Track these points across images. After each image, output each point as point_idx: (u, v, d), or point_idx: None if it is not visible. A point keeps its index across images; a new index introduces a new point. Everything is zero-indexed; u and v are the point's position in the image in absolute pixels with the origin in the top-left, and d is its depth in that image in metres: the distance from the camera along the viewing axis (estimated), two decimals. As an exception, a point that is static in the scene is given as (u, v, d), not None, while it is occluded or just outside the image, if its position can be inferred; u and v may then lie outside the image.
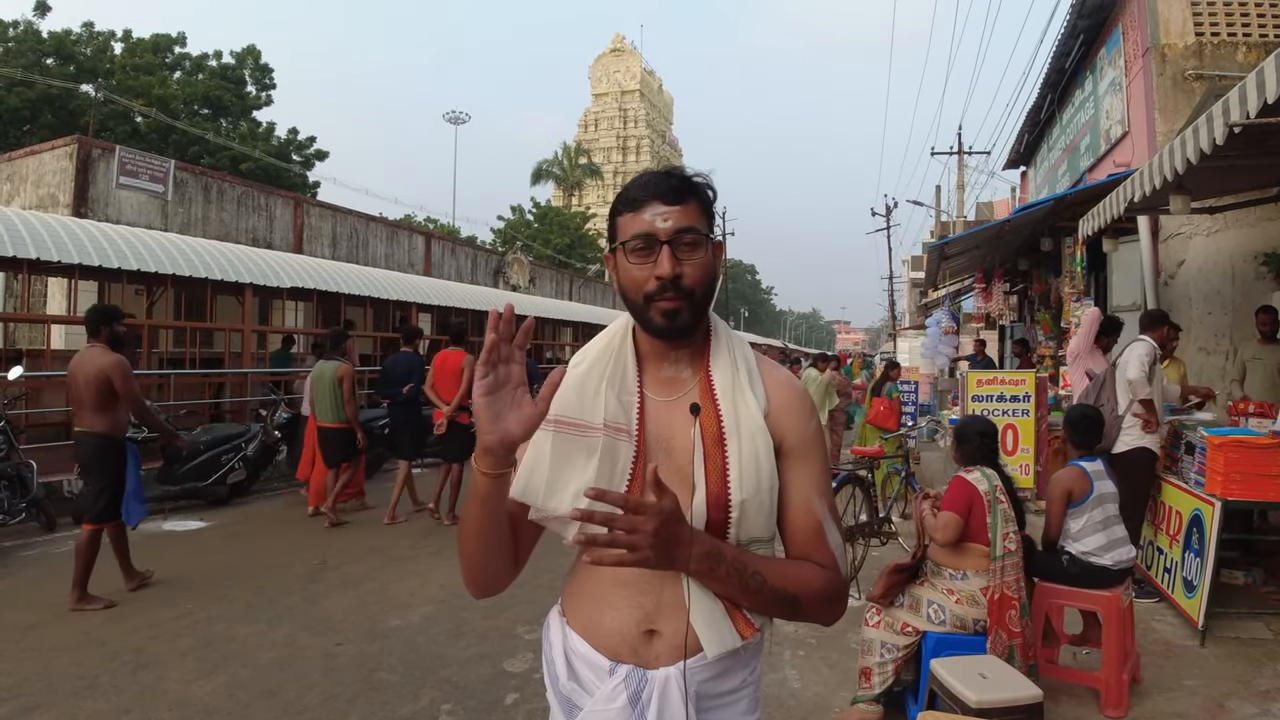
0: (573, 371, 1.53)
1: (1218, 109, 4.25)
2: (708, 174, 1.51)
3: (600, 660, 1.44)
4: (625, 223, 1.46)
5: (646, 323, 1.46)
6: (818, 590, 1.43)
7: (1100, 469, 4.34)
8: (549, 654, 1.55)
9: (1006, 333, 17.26)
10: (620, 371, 1.51)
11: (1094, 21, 11.04)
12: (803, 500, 1.48)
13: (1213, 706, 4.03)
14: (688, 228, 1.42)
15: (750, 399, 1.48)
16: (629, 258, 1.44)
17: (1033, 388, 8.90)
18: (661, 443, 1.46)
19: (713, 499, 1.40)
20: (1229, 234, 8.62)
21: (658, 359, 1.53)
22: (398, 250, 22.33)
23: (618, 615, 1.43)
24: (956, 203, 28.08)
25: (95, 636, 5.01)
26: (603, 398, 1.47)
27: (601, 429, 1.44)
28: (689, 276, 1.42)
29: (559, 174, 55.29)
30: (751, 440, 1.44)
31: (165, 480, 8.89)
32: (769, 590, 1.38)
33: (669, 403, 1.50)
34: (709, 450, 1.43)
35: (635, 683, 1.40)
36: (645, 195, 1.44)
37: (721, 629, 1.40)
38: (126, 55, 27.54)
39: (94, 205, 14.01)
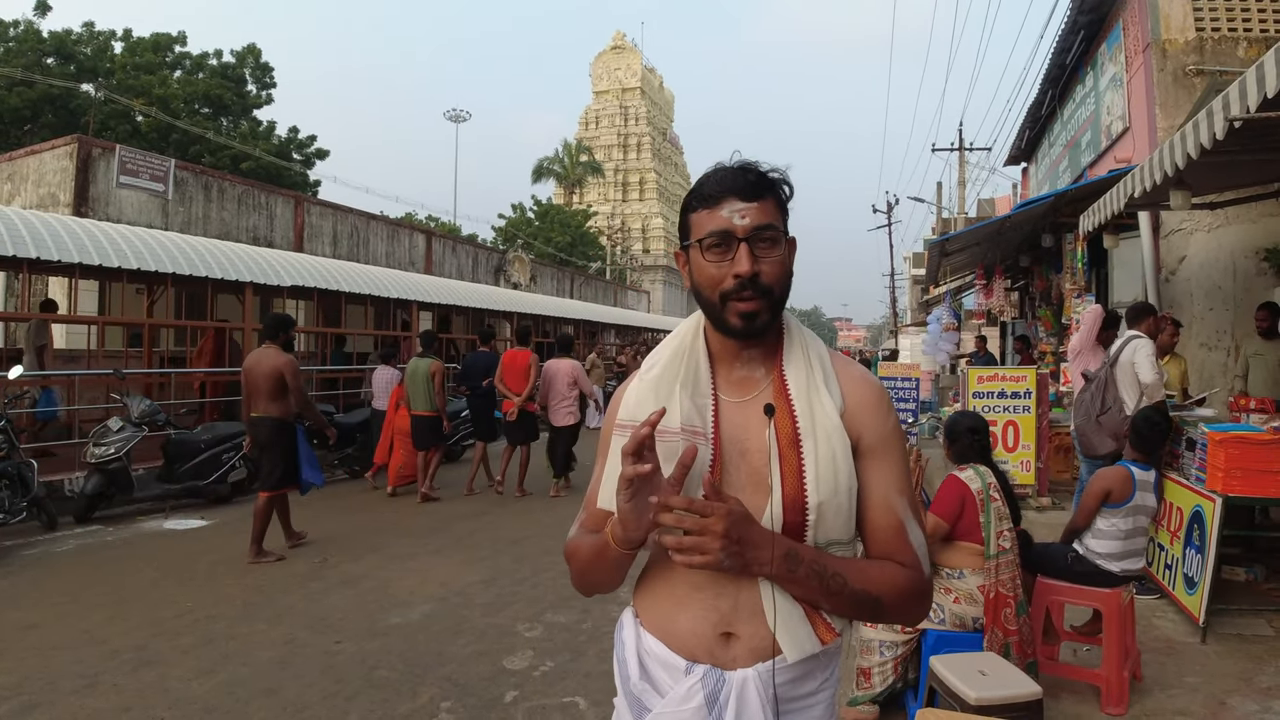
0: (645, 376, 1.52)
1: (1217, 104, 4.24)
2: (784, 169, 1.48)
3: (676, 660, 1.42)
4: (700, 219, 1.43)
5: (722, 323, 1.44)
6: (902, 589, 1.41)
7: (1149, 480, 4.28)
8: (621, 654, 1.53)
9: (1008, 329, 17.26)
10: (693, 373, 1.49)
11: (1095, 17, 11.02)
12: (882, 499, 1.45)
13: (1214, 704, 4.02)
14: (766, 225, 1.40)
15: (826, 398, 1.45)
16: (705, 255, 1.42)
17: (1034, 384, 8.89)
18: (736, 444, 1.44)
19: (789, 501, 1.38)
20: (1230, 229, 8.60)
21: (730, 359, 1.51)
22: (399, 249, 22.33)
23: (693, 617, 1.42)
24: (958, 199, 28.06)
25: (96, 635, 5.02)
26: (678, 401, 1.44)
27: (679, 432, 1.41)
28: (767, 274, 1.40)
29: (560, 171, 55.20)
30: (828, 441, 1.41)
31: (166, 479, 8.90)
32: (850, 592, 1.36)
33: (743, 403, 1.48)
34: (784, 451, 1.41)
35: (713, 683, 1.38)
36: (722, 191, 1.41)
37: (800, 634, 1.38)
38: (127, 54, 27.52)
39: (94, 204, 14.01)
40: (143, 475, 8.82)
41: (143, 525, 8.25)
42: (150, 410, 8.92)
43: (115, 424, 8.58)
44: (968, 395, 9.00)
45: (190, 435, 9.32)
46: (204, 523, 8.38)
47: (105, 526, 8.14)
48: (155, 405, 9.15)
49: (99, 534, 7.86)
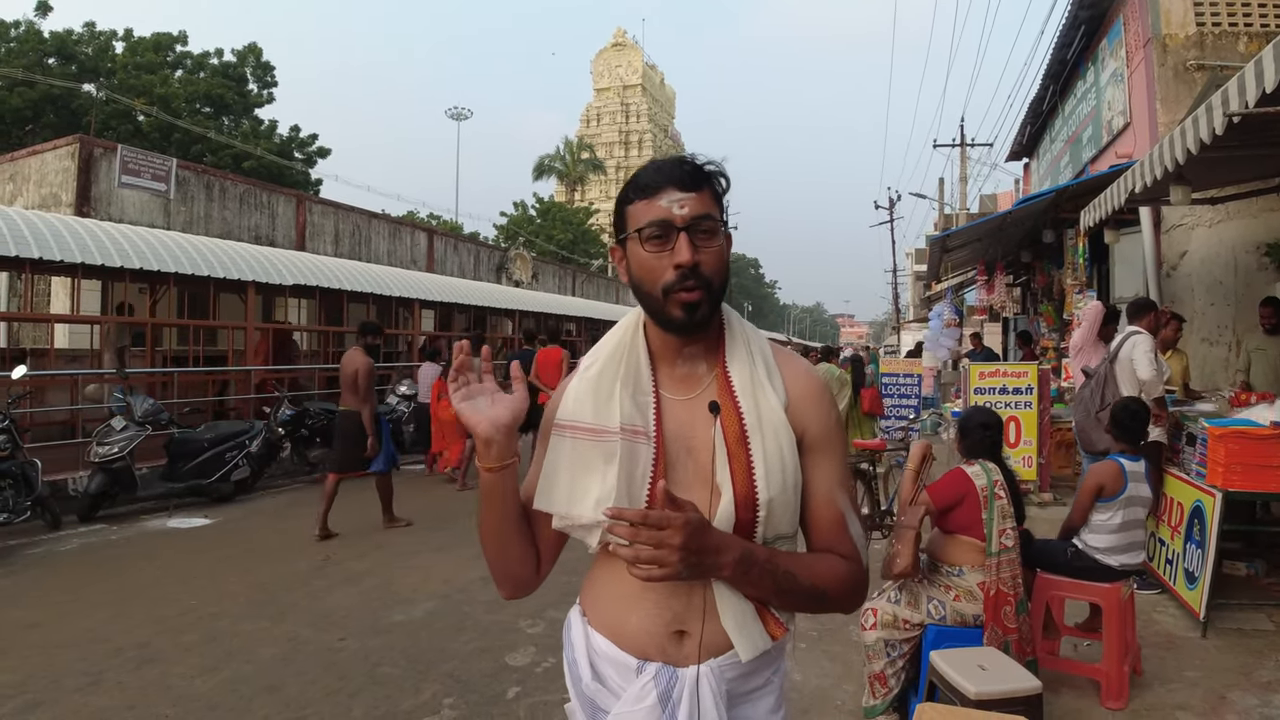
0: (584, 375, 1.49)
1: (1217, 99, 4.24)
2: (720, 162, 1.46)
3: (627, 660, 1.42)
4: (638, 211, 1.41)
5: (663, 316, 1.42)
6: (845, 582, 1.42)
7: (1140, 470, 4.29)
8: (571, 655, 1.52)
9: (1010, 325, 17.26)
10: (634, 371, 1.48)
11: (1095, 12, 11.01)
12: (825, 493, 1.46)
13: (1214, 698, 4.03)
14: (705, 215, 1.38)
15: (770, 394, 1.45)
16: (644, 246, 1.39)
17: (1035, 380, 8.91)
18: (681, 443, 1.43)
19: (740, 500, 1.37)
20: (1231, 225, 8.59)
21: (671, 356, 1.49)
22: (400, 247, 22.35)
23: (646, 616, 1.41)
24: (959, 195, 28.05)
25: (99, 633, 5.04)
26: (617, 400, 1.43)
27: (619, 432, 1.40)
28: (707, 265, 1.38)
29: (561, 169, 55.27)
30: (775, 437, 1.41)
31: (169, 478, 8.92)
32: (799, 588, 1.37)
33: (686, 401, 1.46)
34: (732, 450, 1.40)
35: (665, 681, 1.38)
36: (660, 181, 1.40)
37: (753, 631, 1.39)
38: (128, 54, 27.56)
39: (96, 204, 14.04)
40: (146, 474, 8.85)
41: (146, 524, 8.27)
42: (153, 409, 8.94)
43: (119, 423, 8.61)
44: (969, 391, 9.02)
45: (193, 434, 9.34)
46: (207, 521, 8.40)
47: (109, 525, 8.17)
48: (158, 404, 9.18)
49: (102, 533, 7.88)
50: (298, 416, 10.65)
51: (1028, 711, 3.04)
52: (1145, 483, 4.29)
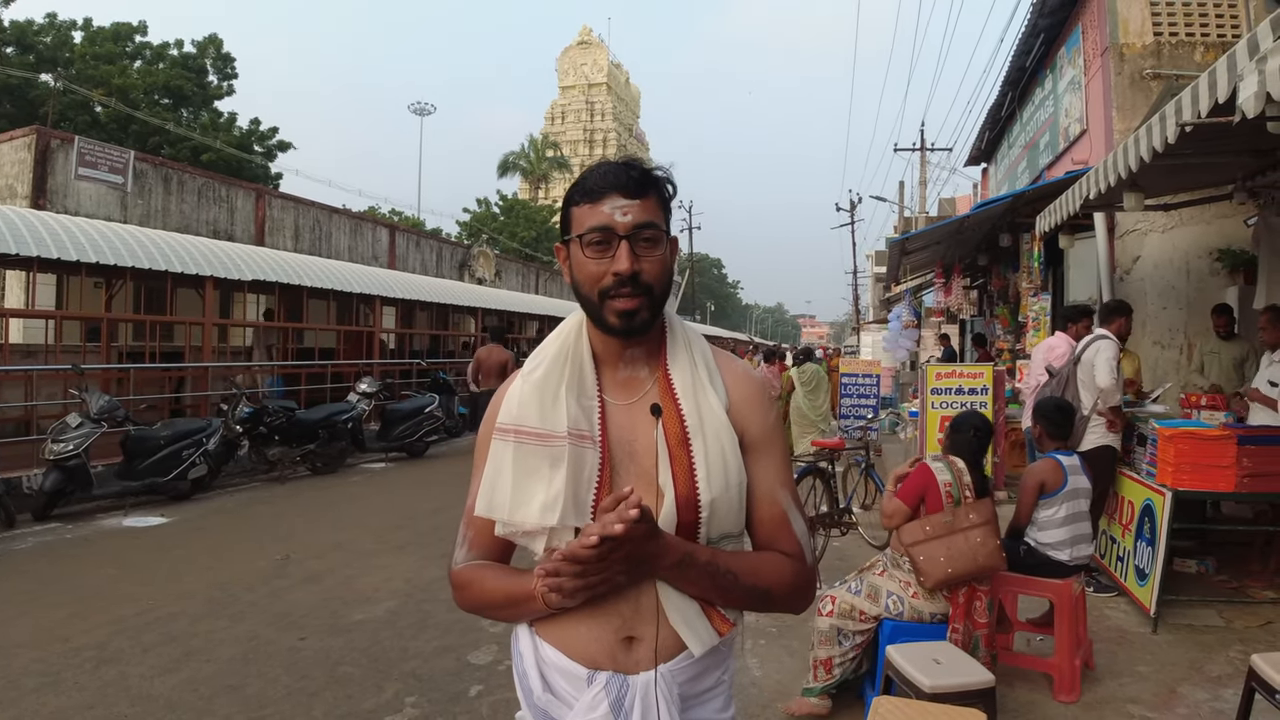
0: (529, 378, 1.49)
1: (1170, 108, 4.35)
2: (668, 168, 1.47)
3: (577, 670, 1.40)
4: (582, 214, 1.42)
5: (601, 320, 1.43)
6: (788, 581, 1.44)
7: (1076, 464, 4.41)
8: (520, 667, 1.50)
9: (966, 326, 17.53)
10: (578, 375, 1.48)
11: (1054, 20, 11.20)
12: (767, 492, 1.47)
13: (1165, 692, 4.14)
14: (647, 223, 1.39)
15: (712, 395, 1.46)
16: (585, 251, 1.40)
17: (990, 381, 9.06)
18: (625, 447, 1.44)
19: (682, 501, 1.38)
20: (1183, 230, 8.80)
21: (613, 359, 1.50)
22: (361, 243, 22.14)
23: (595, 624, 1.39)
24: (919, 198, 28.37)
25: (57, 633, 4.96)
26: (564, 404, 1.43)
27: (566, 437, 1.40)
28: (647, 273, 1.39)
29: (526, 167, 55.04)
30: (717, 438, 1.42)
31: (125, 476, 8.78)
32: (741, 587, 1.39)
33: (629, 405, 1.47)
34: (674, 451, 1.41)
35: (616, 689, 1.37)
36: (604, 187, 1.40)
37: (699, 627, 1.39)
38: (86, 44, 27.00)
39: (53, 197, 13.76)
40: (102, 472, 8.70)
41: (102, 522, 8.14)
42: (109, 406, 8.80)
43: (74, 420, 8.46)
44: (926, 391, 9.15)
45: (150, 431, 9.20)
46: (164, 520, 8.29)
47: (64, 524, 8.02)
48: (115, 400, 9.03)
49: (58, 531, 7.75)
50: (255, 414, 10.52)
51: (981, 705, 3.11)
52: (1082, 474, 4.41)
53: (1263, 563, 5.88)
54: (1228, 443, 5.00)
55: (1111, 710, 3.96)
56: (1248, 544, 6.11)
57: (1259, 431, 5.29)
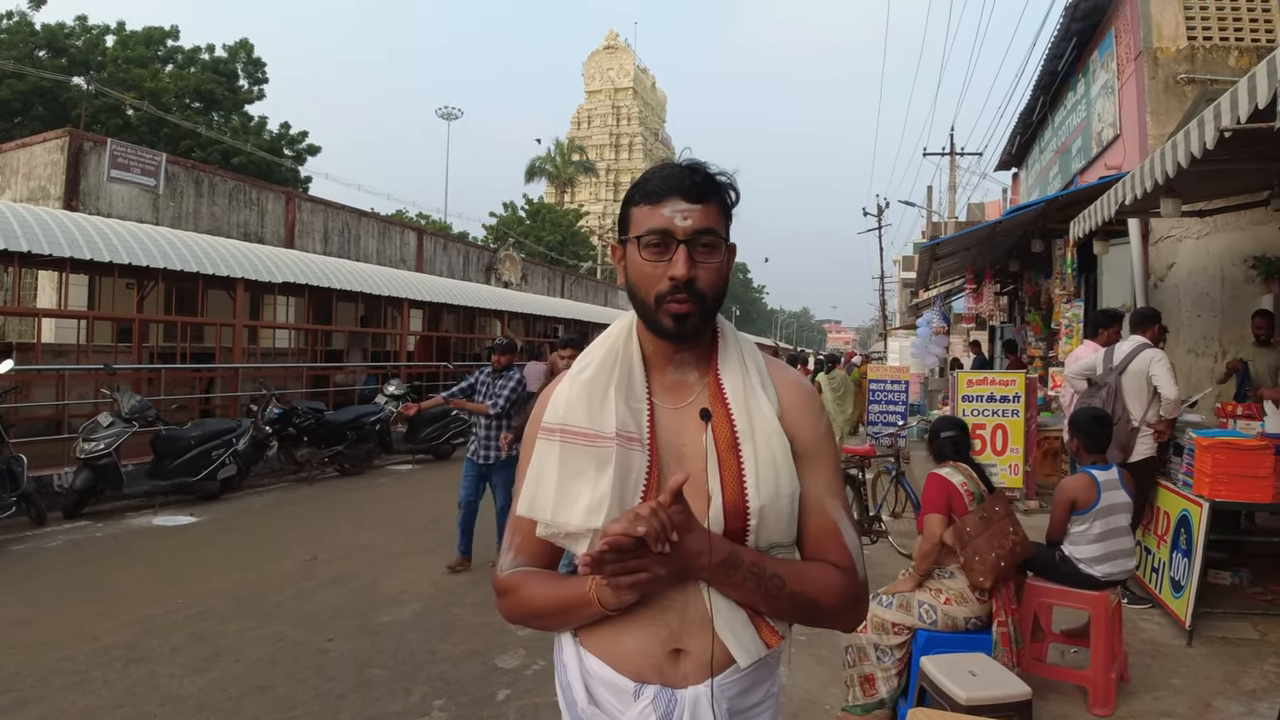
0: (577, 378, 1.45)
1: (1209, 113, 4.28)
2: (732, 174, 1.43)
3: (623, 683, 1.36)
4: (641, 215, 1.39)
5: (653, 323, 1.40)
6: (838, 593, 1.40)
7: (1113, 478, 4.29)
8: (564, 678, 1.46)
9: (996, 333, 17.36)
10: (628, 377, 1.45)
11: (1087, 24, 11.08)
12: (816, 501, 1.43)
13: (1199, 705, 4.07)
14: (707, 229, 1.36)
15: (763, 401, 1.43)
16: (642, 253, 1.38)
17: (1023, 388, 8.96)
18: (673, 450, 1.40)
19: (730, 507, 1.35)
20: (1218, 237, 8.66)
21: (663, 363, 1.47)
22: (389, 246, 22.27)
23: (642, 635, 1.36)
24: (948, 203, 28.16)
25: (86, 631, 5.00)
26: (613, 405, 1.40)
27: (614, 438, 1.37)
28: (703, 280, 1.37)
29: (552, 171, 55.21)
30: (768, 443, 1.39)
31: (155, 475, 8.87)
32: (788, 594, 1.35)
33: (678, 410, 1.44)
34: (723, 457, 1.37)
35: (664, 704, 1.33)
36: (666, 189, 1.37)
37: (746, 638, 1.35)
38: (119, 48, 27.38)
39: (85, 199, 13.94)
40: (132, 471, 8.79)
41: (131, 521, 8.22)
42: (140, 405, 8.89)
43: (105, 419, 8.56)
44: (957, 399, 9.07)
45: (180, 431, 9.29)
46: (193, 519, 8.36)
47: (94, 522, 8.12)
48: (146, 400, 9.13)
49: (88, 529, 7.83)
50: (285, 415, 10.60)
51: (1017, 717, 3.07)
52: (1121, 489, 4.29)
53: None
54: (1265, 453, 4.91)
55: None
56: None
57: (1299, 442, 5.19)
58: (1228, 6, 9.09)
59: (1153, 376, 5.71)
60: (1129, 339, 6.10)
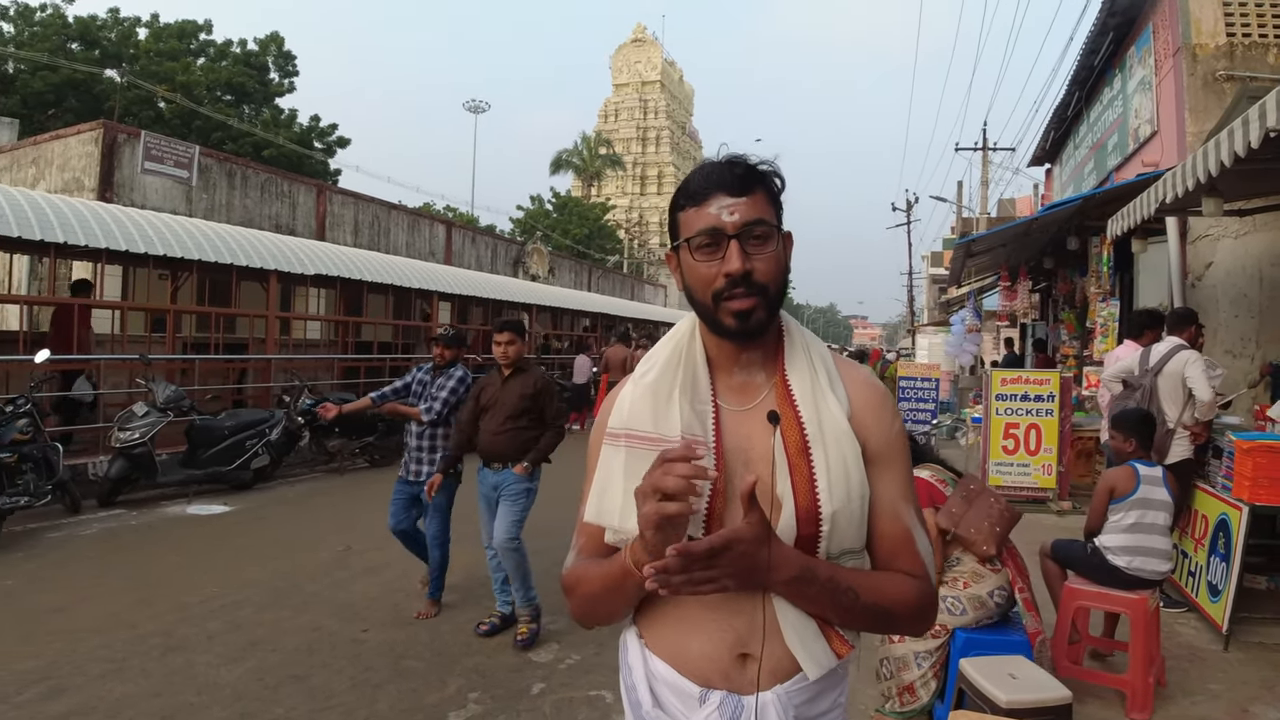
0: (641, 381, 1.44)
1: (1254, 111, 4.22)
2: (774, 160, 1.41)
3: (690, 687, 1.35)
4: (688, 218, 1.38)
5: (716, 324, 1.38)
6: (911, 602, 1.36)
7: (1156, 474, 4.30)
8: (629, 680, 1.45)
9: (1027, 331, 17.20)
10: (692, 378, 1.42)
11: (1124, 19, 10.94)
12: (890, 506, 1.40)
13: (1237, 711, 4.02)
14: (756, 220, 1.34)
15: (833, 402, 1.39)
16: (694, 255, 1.36)
17: (1057, 387, 8.87)
18: (740, 454, 1.37)
19: (802, 513, 1.32)
20: (1257, 236, 8.53)
21: (728, 364, 1.44)
22: (419, 239, 22.38)
23: (709, 640, 1.34)
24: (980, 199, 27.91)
25: (123, 619, 5.08)
26: (677, 408, 1.37)
27: (679, 443, 1.31)
28: (760, 272, 1.34)
29: (579, 164, 55.17)
30: (838, 447, 1.35)
31: (189, 464, 8.97)
32: (862, 607, 1.32)
33: (745, 412, 1.41)
34: (793, 461, 1.34)
35: (731, 710, 1.32)
36: (709, 187, 1.35)
37: (816, 649, 1.33)
38: (151, 41, 27.64)
39: (119, 190, 14.08)
40: (166, 460, 8.89)
41: (165, 510, 8.33)
42: (175, 395, 8.99)
43: (140, 409, 8.67)
44: (991, 397, 8.99)
45: (214, 421, 9.39)
46: (226, 509, 8.46)
47: (128, 510, 8.23)
48: (180, 390, 9.23)
49: (122, 518, 7.94)
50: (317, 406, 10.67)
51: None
52: (1163, 487, 4.28)
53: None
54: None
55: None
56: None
57: (1342, 446, 5.11)
58: (1267, 2, 8.94)
59: (1187, 378, 5.67)
60: (1165, 340, 6.04)
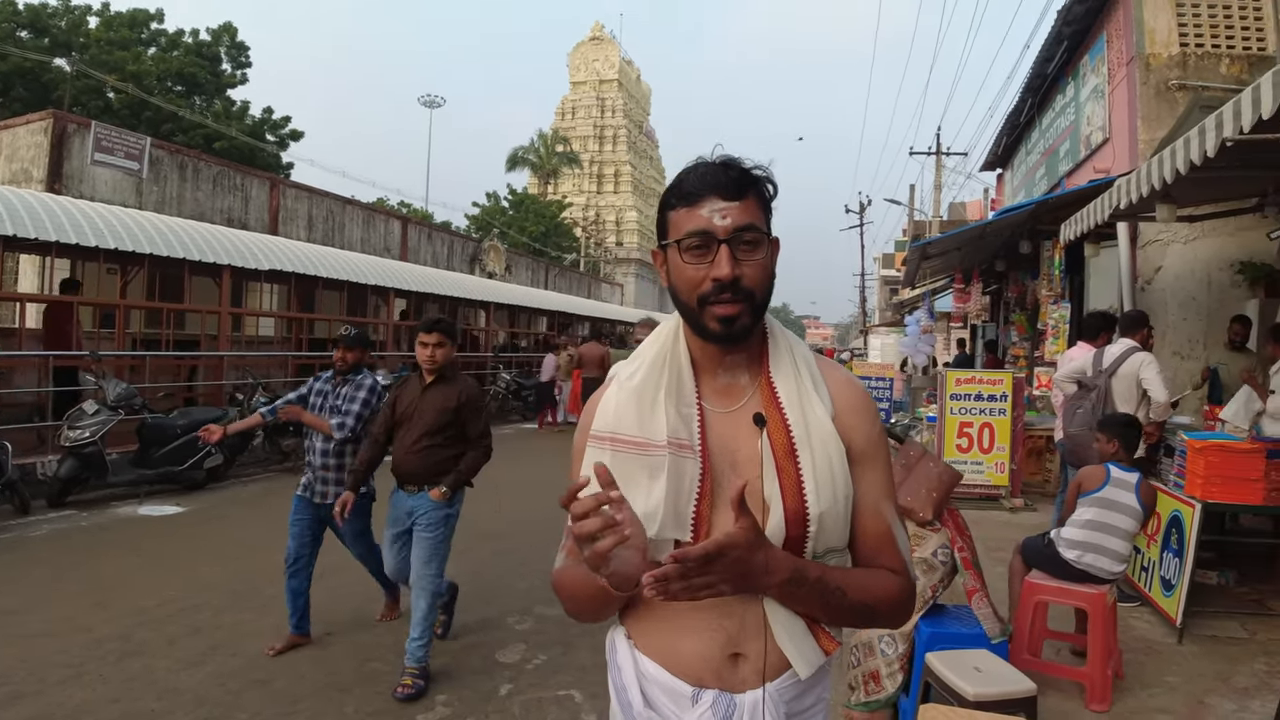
0: (626, 384, 1.43)
1: (1210, 121, 4.33)
2: (768, 166, 1.41)
3: (681, 687, 1.37)
4: (679, 218, 1.36)
5: (700, 327, 1.37)
6: (894, 597, 1.40)
7: (1128, 479, 4.37)
8: (619, 681, 1.45)
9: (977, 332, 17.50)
10: (676, 382, 1.42)
11: (1079, 28, 11.14)
12: (872, 505, 1.42)
13: (1193, 703, 4.14)
14: (748, 225, 1.33)
15: (818, 404, 1.40)
16: (684, 256, 1.35)
17: (1010, 388, 9.04)
18: (726, 457, 1.38)
19: (791, 515, 1.33)
20: (1206, 242, 8.78)
21: (712, 366, 1.44)
22: (374, 234, 22.13)
23: (700, 640, 1.36)
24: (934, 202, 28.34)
25: (79, 623, 4.96)
26: (663, 411, 1.38)
27: (665, 446, 1.35)
28: (748, 278, 1.34)
29: (535, 161, 54.83)
30: (824, 448, 1.37)
31: (141, 464, 8.78)
32: (849, 605, 1.34)
33: (730, 413, 1.41)
34: (781, 463, 1.35)
35: (724, 708, 1.34)
36: (702, 189, 1.34)
37: (806, 647, 1.36)
38: (102, 29, 26.97)
39: (69, 181, 13.73)
40: (117, 459, 8.70)
41: (117, 511, 8.15)
42: (127, 393, 8.81)
43: (91, 407, 8.47)
44: (945, 396, 9.13)
45: (166, 420, 9.21)
46: (179, 509, 8.30)
47: (79, 511, 8.04)
48: (132, 388, 9.04)
49: (73, 519, 7.76)
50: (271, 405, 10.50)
51: (1023, 712, 3.11)
52: (1132, 493, 4.34)
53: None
54: (1257, 456, 4.99)
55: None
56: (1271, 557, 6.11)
57: (1290, 446, 5.28)
58: (1220, 14, 9.17)
59: (1143, 380, 5.82)
60: (1118, 342, 6.19)
